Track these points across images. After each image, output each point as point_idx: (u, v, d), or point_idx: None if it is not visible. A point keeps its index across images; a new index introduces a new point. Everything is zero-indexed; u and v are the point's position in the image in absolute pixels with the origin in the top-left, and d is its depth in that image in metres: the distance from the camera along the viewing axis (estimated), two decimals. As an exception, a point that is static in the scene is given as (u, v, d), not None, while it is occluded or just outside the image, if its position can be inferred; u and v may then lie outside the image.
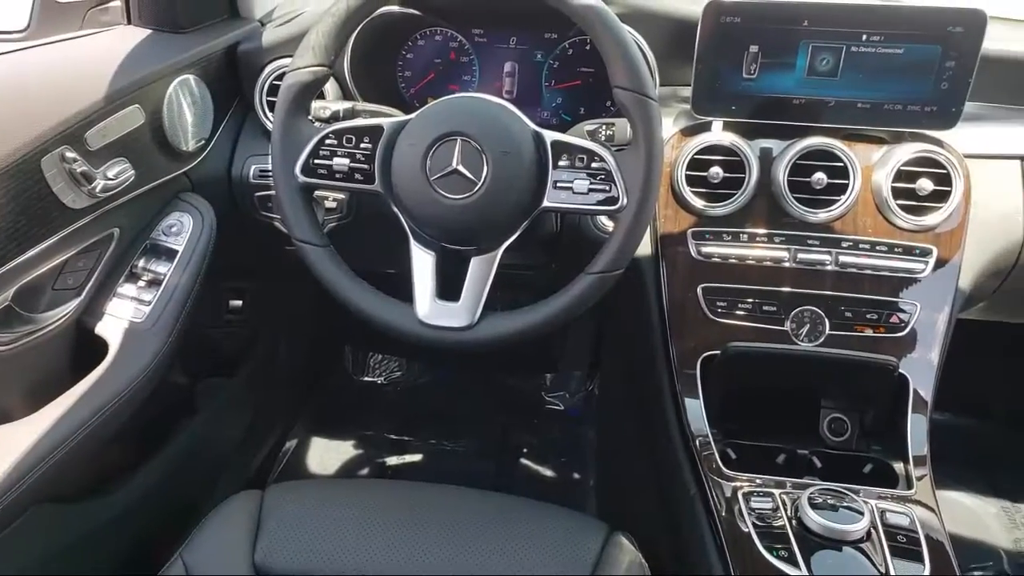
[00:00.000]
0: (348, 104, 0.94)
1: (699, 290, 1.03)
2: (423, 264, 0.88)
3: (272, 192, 1.05)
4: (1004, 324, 1.25)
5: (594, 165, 0.84)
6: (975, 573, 1.44)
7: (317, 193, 1.04)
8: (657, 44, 1.04)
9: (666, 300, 1.04)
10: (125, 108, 0.97)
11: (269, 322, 1.56)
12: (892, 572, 0.80)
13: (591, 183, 0.85)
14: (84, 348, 0.99)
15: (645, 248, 1.05)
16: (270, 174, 0.91)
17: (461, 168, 0.83)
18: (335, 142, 0.87)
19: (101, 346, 0.98)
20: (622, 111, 0.84)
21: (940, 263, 1.00)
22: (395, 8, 1.10)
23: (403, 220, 0.88)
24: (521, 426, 1.79)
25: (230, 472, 1.48)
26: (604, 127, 0.90)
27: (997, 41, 1.02)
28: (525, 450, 1.73)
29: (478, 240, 0.87)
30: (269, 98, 1.13)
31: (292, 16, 1.18)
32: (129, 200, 1.01)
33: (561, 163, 0.85)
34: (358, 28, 0.92)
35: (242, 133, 1.16)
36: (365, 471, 1.69)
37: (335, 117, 0.93)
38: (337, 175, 0.88)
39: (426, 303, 0.86)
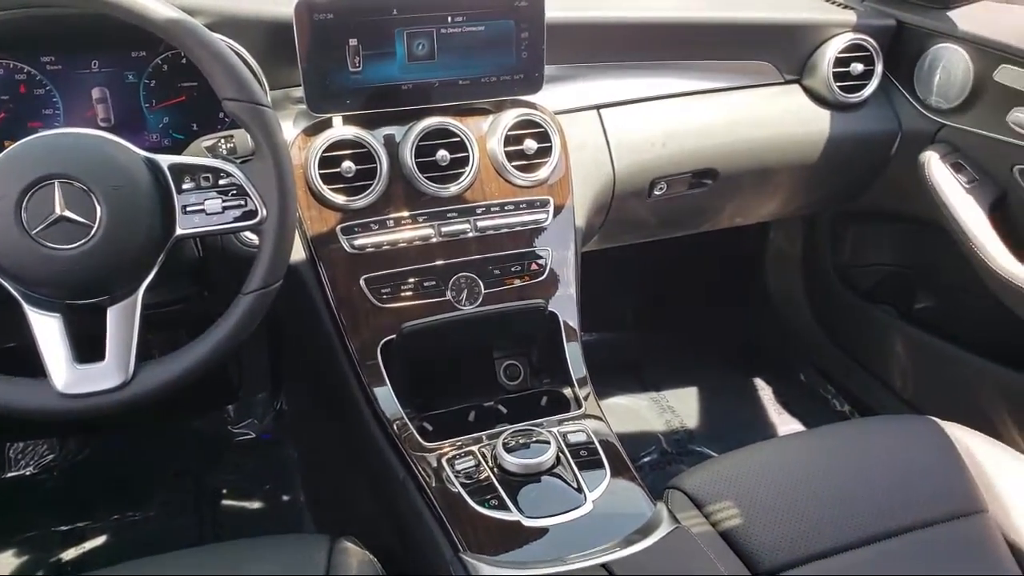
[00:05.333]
0: None
1: (362, 282, 1.04)
2: (47, 330, 0.77)
3: None
4: (618, 248, 1.47)
5: (222, 182, 0.81)
6: (644, 459, 1.70)
7: None
8: (257, 49, 1.02)
9: (333, 299, 1.04)
10: None
11: None
12: (583, 484, 0.92)
13: (224, 200, 0.81)
14: None
15: (299, 253, 1.04)
16: None
17: (68, 213, 0.74)
18: None
19: None
20: (237, 122, 0.81)
21: (558, 210, 1.13)
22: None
23: (7, 286, 0.76)
24: (214, 468, 1.67)
25: None
26: (223, 141, 0.87)
27: (563, 10, 1.17)
28: (225, 491, 1.62)
29: (110, 288, 0.78)
30: None
31: None
32: None
33: (186, 186, 0.80)
34: None
35: None
36: (39, 576, 1.45)
37: None
38: (-97, 253, 0.73)
39: (63, 372, 0.76)
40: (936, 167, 1.33)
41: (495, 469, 0.94)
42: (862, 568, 0.87)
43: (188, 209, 0.80)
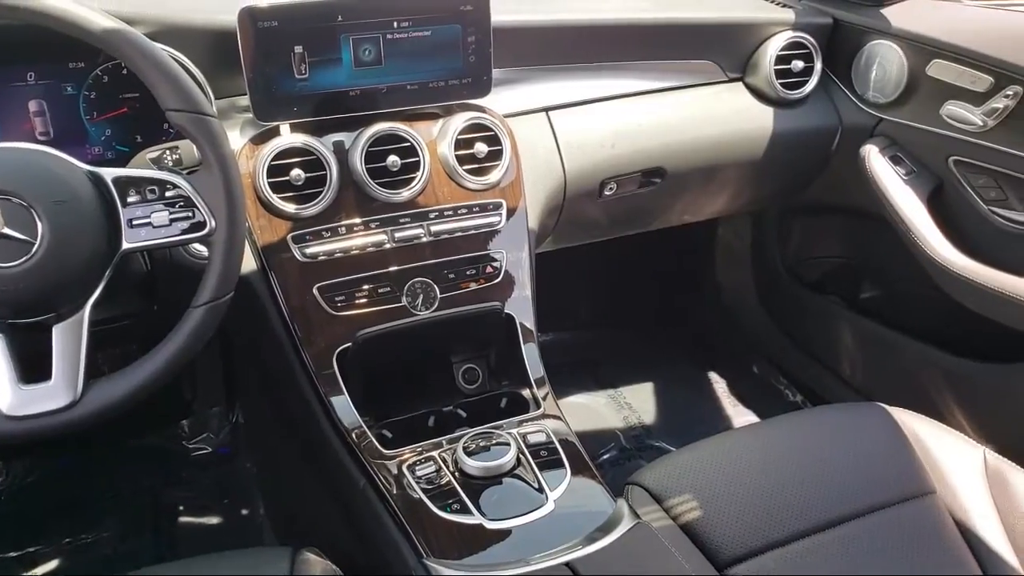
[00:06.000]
0: None
1: (315, 290, 1.04)
2: None
3: None
4: (571, 247, 1.48)
5: (169, 194, 0.80)
6: (604, 457, 1.71)
7: None
8: (201, 58, 1.00)
9: (286, 309, 1.03)
10: None
11: None
12: (544, 484, 0.93)
13: (171, 213, 0.80)
14: None
15: (249, 263, 1.03)
16: None
17: (7, 231, 0.72)
18: None
19: None
20: (182, 133, 0.80)
21: (511, 212, 1.14)
22: None
23: None
24: (171, 485, 1.64)
25: None
26: (168, 152, 0.86)
27: (509, 13, 1.18)
28: (182, 508, 1.59)
29: (54, 305, 0.77)
30: None
31: None
32: None
33: (131, 199, 0.79)
34: None
35: None
36: (-11, 607, 1.40)
37: None
38: None
39: (7, 393, 0.74)
40: (875, 160, 1.37)
41: (456, 473, 0.94)
42: (820, 553, 0.90)
43: (134, 223, 0.79)
